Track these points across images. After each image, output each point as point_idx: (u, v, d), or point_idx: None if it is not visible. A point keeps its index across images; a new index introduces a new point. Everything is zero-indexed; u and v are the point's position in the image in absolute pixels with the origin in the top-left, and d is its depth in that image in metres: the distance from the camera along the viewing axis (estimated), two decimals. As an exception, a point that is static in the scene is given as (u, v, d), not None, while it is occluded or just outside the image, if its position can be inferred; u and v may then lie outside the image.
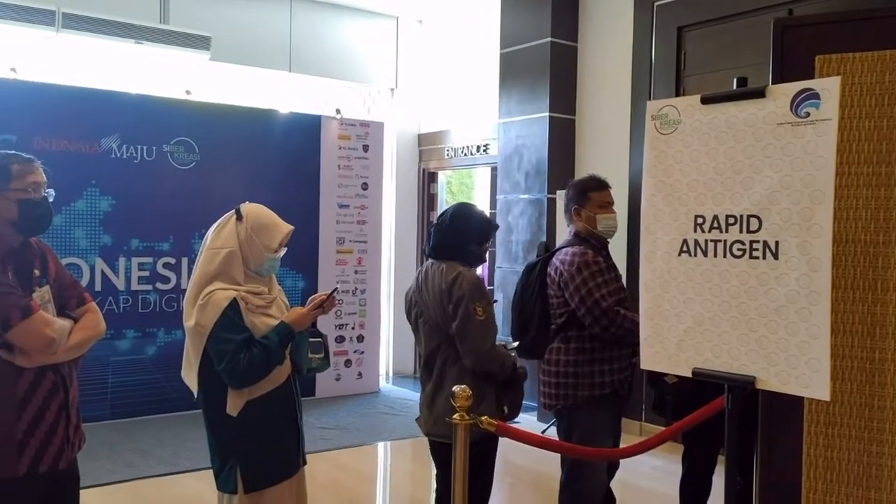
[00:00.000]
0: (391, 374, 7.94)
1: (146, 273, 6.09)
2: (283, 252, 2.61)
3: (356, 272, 7.11)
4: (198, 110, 6.40)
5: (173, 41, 6.30)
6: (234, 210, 2.58)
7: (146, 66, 6.75)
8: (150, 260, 6.10)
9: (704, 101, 1.95)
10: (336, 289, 2.79)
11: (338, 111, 7.25)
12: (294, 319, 2.54)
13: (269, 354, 2.44)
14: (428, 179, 8.07)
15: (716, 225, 1.91)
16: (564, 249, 3.27)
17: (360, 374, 7.15)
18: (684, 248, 1.96)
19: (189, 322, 2.47)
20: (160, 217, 6.12)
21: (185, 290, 6.13)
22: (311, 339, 2.71)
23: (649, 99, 5.59)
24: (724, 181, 1.91)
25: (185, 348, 2.57)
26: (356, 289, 7.06)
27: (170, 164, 6.17)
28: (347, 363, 7.06)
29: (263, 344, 2.44)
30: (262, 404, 2.50)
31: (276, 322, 2.52)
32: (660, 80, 5.58)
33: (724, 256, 1.90)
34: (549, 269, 3.29)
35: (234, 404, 2.46)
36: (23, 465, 2.21)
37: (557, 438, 3.29)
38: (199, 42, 6.40)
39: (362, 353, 7.16)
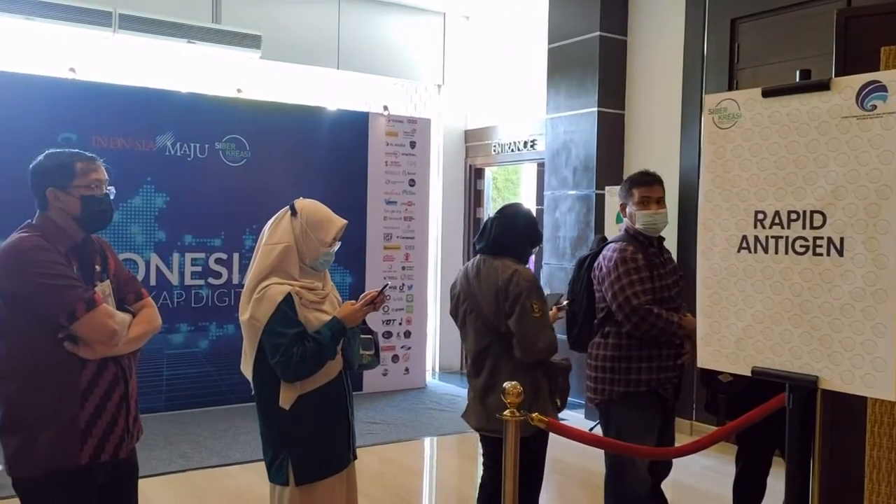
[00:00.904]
0: (437, 369, 7.97)
1: (199, 268, 6.21)
2: (337, 246, 2.64)
3: (403, 268, 7.15)
4: (248, 108, 6.50)
5: (225, 40, 6.40)
6: (288, 206, 2.61)
7: (199, 65, 6.87)
8: (202, 255, 6.22)
9: (766, 94, 1.90)
10: (387, 285, 2.84)
11: (385, 108, 7.28)
12: (346, 315, 2.57)
13: (321, 349, 2.47)
14: (474, 175, 8.06)
15: (777, 221, 1.87)
16: (610, 245, 3.26)
17: (406, 369, 7.19)
18: (744, 245, 1.91)
19: (244, 316, 2.51)
20: (212, 213, 6.23)
21: (235, 285, 6.33)
22: (361, 336, 2.74)
23: (701, 93, 5.49)
24: (785, 176, 1.86)
25: (243, 342, 2.62)
26: (403, 285, 7.09)
27: (221, 162, 6.28)
28: (395, 359, 7.10)
29: (316, 339, 2.47)
30: (313, 398, 2.53)
31: (328, 317, 2.56)
32: (712, 74, 5.47)
33: (786, 253, 1.85)
34: (595, 264, 3.28)
35: (286, 398, 2.50)
36: (85, 454, 2.27)
37: (599, 435, 3.27)
38: (249, 41, 6.50)
39: (409, 348, 7.20)
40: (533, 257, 6.41)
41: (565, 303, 3.42)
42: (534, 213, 3.34)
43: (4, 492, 4.23)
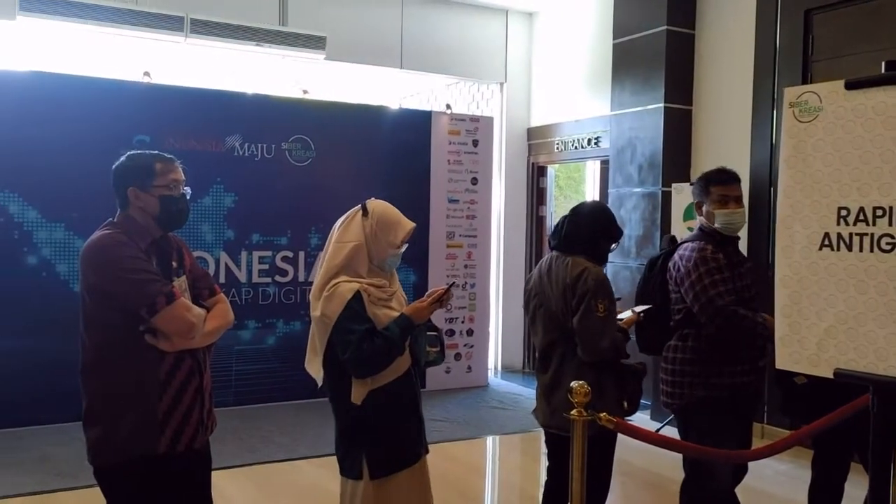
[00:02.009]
0: (500, 368, 7.95)
1: (266, 266, 6.33)
2: (405, 248, 2.67)
3: (466, 266, 7.15)
4: (313, 108, 6.60)
5: (291, 42, 6.51)
6: (360, 206, 2.65)
7: (266, 67, 7.02)
8: (269, 254, 6.35)
9: (849, 86, 1.83)
10: (453, 283, 2.86)
11: (448, 106, 7.30)
12: (413, 312, 2.59)
13: (390, 345, 2.50)
14: (537, 173, 8.01)
15: (861, 217, 1.80)
16: (686, 244, 3.18)
17: (469, 367, 7.19)
18: (826, 242, 1.85)
19: (315, 312, 2.56)
20: (278, 212, 6.35)
21: (301, 283, 6.44)
22: (427, 333, 2.76)
23: (773, 87, 5.33)
24: (871, 171, 1.79)
25: (309, 338, 2.67)
26: (466, 283, 7.10)
27: (287, 162, 6.40)
28: (457, 357, 7.11)
29: (385, 335, 2.50)
30: (384, 393, 2.56)
31: (396, 314, 2.58)
32: (785, 67, 5.31)
33: (871, 251, 1.78)
34: (669, 264, 3.21)
35: (357, 393, 2.54)
36: (163, 444, 2.34)
37: (670, 437, 3.20)
38: (315, 42, 6.59)
39: (472, 346, 7.20)
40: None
41: (641, 310, 3.33)
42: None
43: (84, 481, 4.41)
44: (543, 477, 5.24)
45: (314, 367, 2.64)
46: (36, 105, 5.48)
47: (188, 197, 2.48)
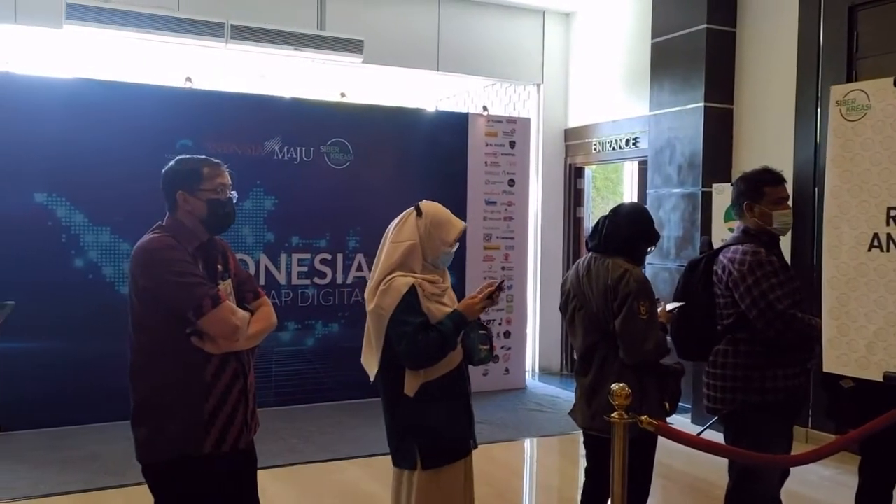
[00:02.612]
0: (537, 370, 7.92)
1: (305, 268, 6.40)
2: (456, 246, 2.75)
3: (503, 268, 7.14)
4: (351, 112, 6.66)
5: (329, 46, 6.57)
6: (413, 207, 2.74)
7: (304, 71, 7.10)
8: (308, 256, 6.41)
9: (898, 83, 1.80)
10: (503, 280, 2.91)
11: (485, 108, 7.30)
12: (466, 308, 2.66)
13: (444, 339, 2.57)
14: (574, 174, 7.97)
15: (912, 217, 1.76)
16: (734, 247, 3.11)
17: (507, 369, 7.18)
18: (875, 243, 1.82)
19: (370, 306, 2.64)
20: (317, 215, 6.41)
21: (340, 285, 6.48)
22: (479, 332, 2.79)
23: (817, 85, 5.23)
24: (922, 170, 1.75)
25: (365, 333, 2.74)
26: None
27: (326, 165, 6.46)
28: (495, 359, 7.10)
29: (439, 328, 2.57)
30: (436, 386, 2.62)
31: (449, 310, 2.65)
32: (829, 65, 5.20)
33: (923, 252, 1.75)
34: (715, 268, 3.15)
35: (411, 385, 2.60)
36: (209, 444, 2.39)
37: (714, 441, 3.15)
38: (352, 46, 6.64)
39: (509, 349, 7.19)
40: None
41: (673, 307, 3.28)
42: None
43: (131, 479, 4.50)
44: (582, 479, 5.22)
45: (370, 361, 2.71)
46: (82, 111, 5.62)
47: (234, 200, 2.53)
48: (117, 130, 5.69)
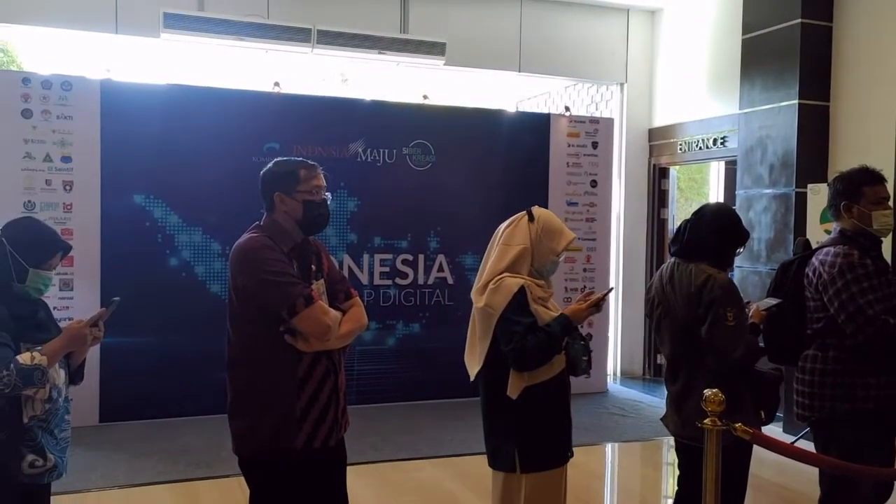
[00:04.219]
0: (619, 374, 7.79)
1: (387, 269, 6.48)
2: (563, 257, 2.75)
3: (584, 270, 7.06)
4: (433, 113, 6.71)
5: (412, 49, 6.64)
6: (524, 211, 2.74)
7: (386, 74, 7.19)
8: (389, 256, 6.49)
9: None
10: (611, 289, 2.97)
11: (567, 108, 7.24)
12: (573, 313, 2.66)
13: (551, 341, 2.57)
14: (658, 175, 7.80)
15: None
16: (826, 249, 2.99)
17: (588, 373, 7.07)
18: None
19: (479, 303, 2.65)
20: (399, 216, 6.49)
21: (421, 285, 6.54)
22: (580, 343, 2.78)
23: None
24: None
25: (469, 332, 2.76)
26: (584, 287, 7.00)
27: (408, 166, 6.52)
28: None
29: (547, 331, 2.57)
30: (539, 391, 2.61)
31: (555, 314, 2.64)
32: (935, 58, 4.93)
33: None
34: (807, 270, 3.03)
35: (514, 387, 2.60)
36: (300, 440, 2.44)
37: (807, 450, 3.03)
38: (435, 49, 6.69)
39: (591, 352, 7.08)
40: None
41: (767, 306, 3.16)
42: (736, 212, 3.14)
43: (221, 470, 4.66)
44: (665, 485, 5.11)
45: (472, 360, 2.72)
46: (176, 116, 5.85)
47: (329, 202, 2.58)
48: (209, 134, 5.91)
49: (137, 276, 5.68)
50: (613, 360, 7.77)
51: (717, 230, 2.94)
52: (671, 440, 5.58)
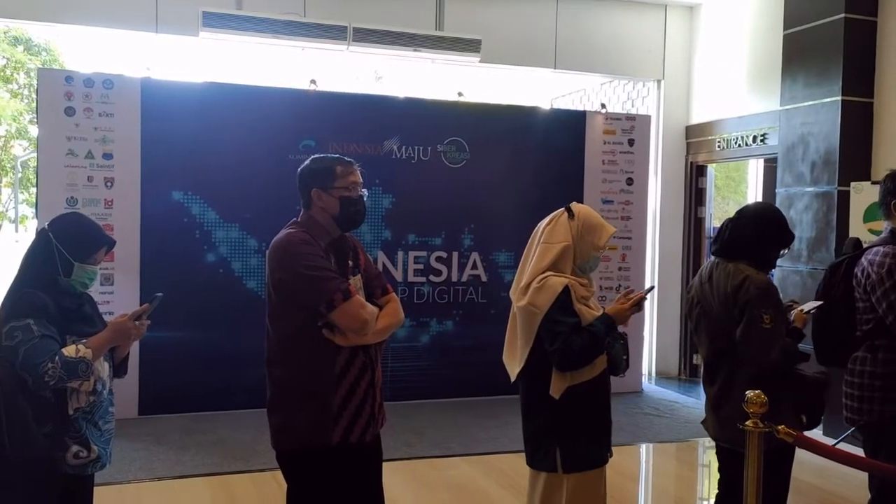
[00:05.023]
0: (654, 374, 7.71)
1: (420, 266, 6.49)
2: (605, 251, 2.73)
3: (619, 269, 7.00)
4: (468, 111, 6.69)
5: (447, 47, 6.63)
6: (563, 208, 2.73)
7: (421, 71, 7.19)
8: (423, 254, 6.49)
9: None
10: (652, 287, 2.94)
11: (603, 106, 7.18)
12: (616, 313, 2.64)
13: (595, 341, 2.55)
14: (696, 173, 7.70)
15: None
16: (875, 248, 2.93)
17: (624, 373, 7.01)
18: None
19: (521, 302, 2.62)
20: (433, 213, 6.49)
21: (454, 283, 6.53)
22: (620, 342, 2.76)
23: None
24: None
25: (508, 331, 2.75)
26: (620, 286, 6.93)
27: (443, 164, 6.52)
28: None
29: (591, 331, 2.55)
30: (581, 391, 2.60)
31: (597, 313, 2.62)
32: None
33: None
34: (856, 270, 2.97)
35: (556, 387, 2.59)
36: (337, 434, 2.45)
37: (854, 454, 2.96)
38: (470, 46, 6.67)
39: (629, 351, 7.02)
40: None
41: (810, 308, 3.10)
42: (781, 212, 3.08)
43: (256, 465, 4.71)
44: (700, 487, 5.05)
45: (512, 360, 2.71)
46: (214, 114, 5.92)
47: (365, 199, 2.59)
48: (246, 131, 5.96)
49: (176, 272, 5.76)
50: (648, 359, 7.70)
51: (759, 230, 2.88)
52: (707, 442, 5.55)
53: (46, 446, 2.34)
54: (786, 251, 2.98)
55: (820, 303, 3.05)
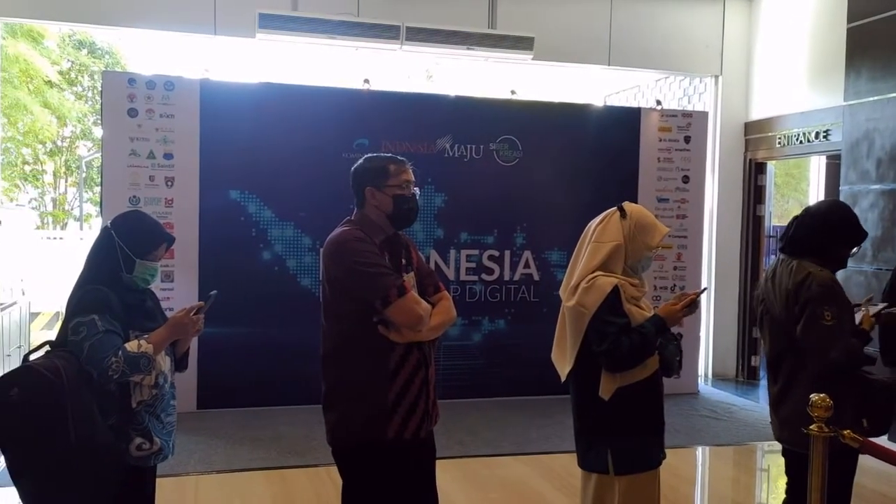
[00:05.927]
0: (710, 375, 7.56)
1: (473, 265, 6.48)
2: (657, 251, 2.71)
3: (675, 268, 6.87)
4: (520, 109, 6.66)
5: (500, 45, 6.61)
6: (615, 207, 2.70)
7: (473, 70, 7.19)
8: (476, 252, 6.49)
9: None
10: (705, 288, 2.80)
11: (658, 102, 7.06)
12: (667, 314, 2.60)
13: (645, 342, 2.51)
14: (755, 170, 7.51)
15: None
16: None
17: (678, 374, 6.89)
18: None
19: (570, 302, 2.60)
20: (486, 212, 6.47)
21: (506, 282, 6.51)
22: (673, 343, 2.72)
23: None
24: None
25: (557, 331, 2.73)
26: (675, 286, 6.81)
27: (495, 162, 6.50)
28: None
29: (641, 332, 2.52)
30: (632, 392, 2.56)
31: (648, 314, 2.59)
32: None
33: None
34: None
35: (606, 388, 2.56)
36: (391, 430, 2.46)
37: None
38: (523, 43, 6.64)
39: (682, 352, 6.90)
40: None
41: (876, 309, 3.00)
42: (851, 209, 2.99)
43: (312, 459, 4.77)
44: (758, 491, 4.93)
45: (561, 360, 2.69)
46: (270, 114, 6.01)
47: (418, 197, 2.60)
48: (301, 131, 6.05)
49: (233, 269, 5.88)
50: (704, 360, 7.55)
51: (830, 227, 2.82)
52: (765, 445, 5.42)
53: (111, 438, 2.41)
54: (857, 249, 2.89)
55: (884, 305, 2.95)
